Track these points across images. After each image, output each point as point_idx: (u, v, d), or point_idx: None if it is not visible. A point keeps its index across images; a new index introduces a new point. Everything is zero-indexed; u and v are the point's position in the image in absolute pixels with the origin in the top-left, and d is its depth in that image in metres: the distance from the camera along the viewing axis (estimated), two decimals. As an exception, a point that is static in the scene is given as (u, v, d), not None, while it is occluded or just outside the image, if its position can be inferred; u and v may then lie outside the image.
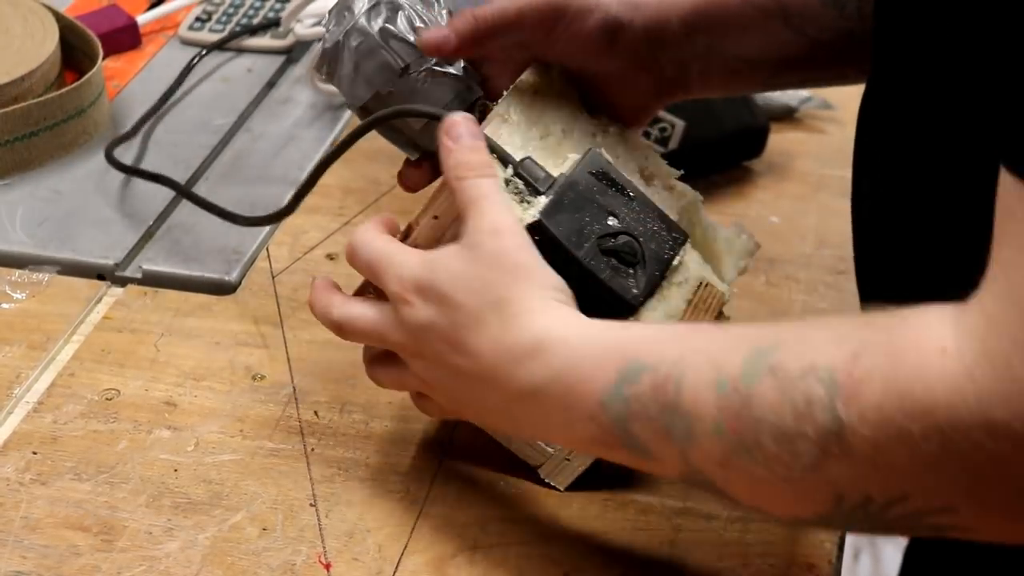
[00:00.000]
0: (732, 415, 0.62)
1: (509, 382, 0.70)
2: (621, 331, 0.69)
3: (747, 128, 1.09)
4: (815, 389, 0.59)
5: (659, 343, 0.67)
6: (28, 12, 1.17)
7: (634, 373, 0.66)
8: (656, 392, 0.65)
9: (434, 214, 0.76)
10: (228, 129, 1.14)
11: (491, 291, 0.71)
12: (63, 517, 0.79)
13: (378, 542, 0.78)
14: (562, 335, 0.69)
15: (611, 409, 0.66)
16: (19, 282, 0.98)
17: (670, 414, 0.64)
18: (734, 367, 0.62)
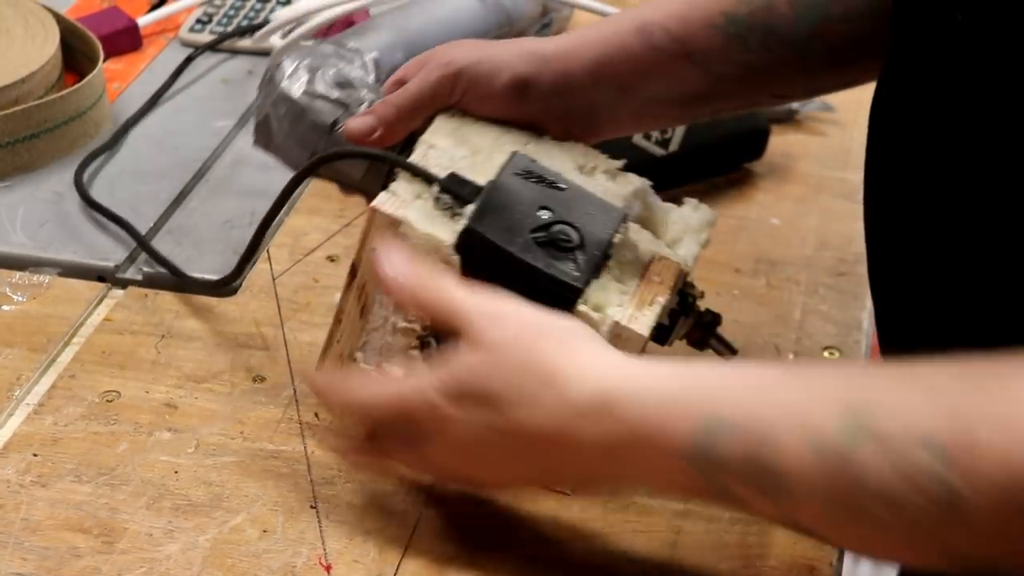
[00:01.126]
0: (834, 480, 0.60)
1: (580, 446, 0.68)
2: (692, 379, 0.67)
3: (748, 130, 1.09)
4: (923, 459, 0.58)
5: (739, 396, 0.65)
6: (29, 14, 1.17)
7: (720, 432, 0.64)
8: (747, 452, 0.63)
9: (372, 246, 0.76)
10: (228, 131, 1.14)
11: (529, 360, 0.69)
12: (63, 519, 0.79)
13: (378, 544, 0.78)
14: (626, 386, 0.67)
15: (696, 465, 0.64)
16: (19, 284, 0.98)
17: (764, 476, 0.63)
18: (831, 431, 0.61)
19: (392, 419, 0.72)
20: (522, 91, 0.82)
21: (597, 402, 0.67)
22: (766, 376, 0.66)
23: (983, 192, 0.69)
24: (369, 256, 0.76)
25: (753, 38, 0.83)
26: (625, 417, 0.66)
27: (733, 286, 0.99)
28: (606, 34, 0.84)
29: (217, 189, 1.08)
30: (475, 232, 0.74)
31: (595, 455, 0.68)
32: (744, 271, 1.00)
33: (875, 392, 0.61)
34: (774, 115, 1.15)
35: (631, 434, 0.66)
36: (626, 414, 0.66)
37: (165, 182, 1.08)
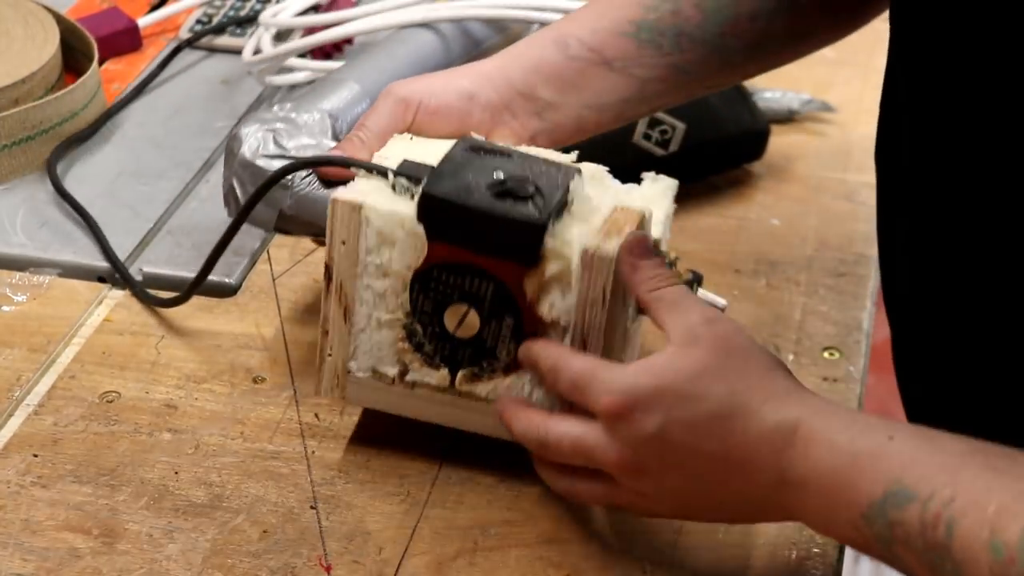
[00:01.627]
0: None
1: (766, 471, 0.69)
2: (885, 440, 0.67)
3: (748, 130, 1.09)
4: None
5: (927, 467, 0.65)
6: (29, 14, 1.17)
7: (901, 498, 0.64)
8: (924, 528, 0.63)
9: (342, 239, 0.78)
10: (228, 132, 1.14)
11: (736, 378, 0.70)
12: (64, 520, 0.79)
13: (379, 544, 0.78)
14: (824, 427, 0.68)
15: (874, 526, 0.65)
16: (20, 284, 0.98)
17: (939, 556, 0.63)
18: (1012, 536, 0.61)
19: (571, 456, 0.74)
20: (469, 102, 0.85)
21: (790, 434, 0.68)
22: (963, 455, 0.65)
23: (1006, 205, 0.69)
24: (343, 251, 0.78)
25: (665, 42, 0.86)
26: (817, 459, 0.67)
27: (733, 287, 0.99)
28: (532, 48, 0.88)
29: (217, 190, 1.07)
30: (432, 195, 0.76)
31: (780, 485, 0.69)
32: (744, 272, 1.00)
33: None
34: (774, 115, 1.15)
35: (817, 477, 0.67)
36: (818, 455, 0.68)
37: (165, 183, 1.08)
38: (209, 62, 1.24)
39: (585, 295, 0.76)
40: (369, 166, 0.79)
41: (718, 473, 0.70)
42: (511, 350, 0.78)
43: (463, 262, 0.77)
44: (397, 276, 0.78)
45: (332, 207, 0.77)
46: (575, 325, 0.76)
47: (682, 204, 1.03)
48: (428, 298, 0.78)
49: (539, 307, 0.77)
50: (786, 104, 1.16)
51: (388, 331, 0.79)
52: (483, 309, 0.77)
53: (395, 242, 0.77)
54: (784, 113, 1.16)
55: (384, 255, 0.77)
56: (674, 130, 1.05)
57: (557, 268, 0.76)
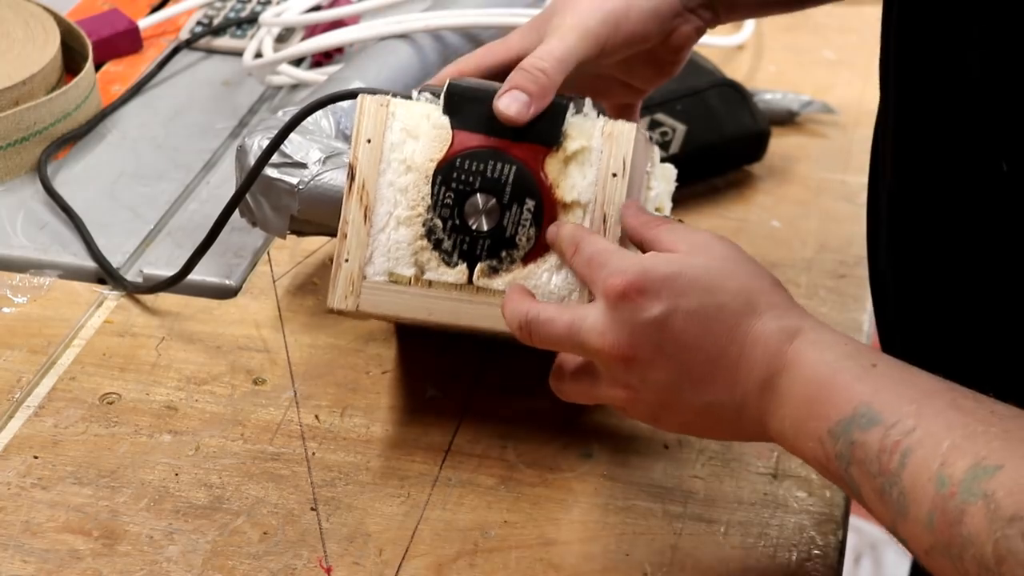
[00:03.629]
0: (943, 518, 0.62)
1: (751, 374, 0.70)
2: (868, 366, 0.68)
3: (748, 132, 1.09)
4: (1017, 542, 0.59)
5: (898, 396, 0.66)
6: (29, 16, 1.17)
7: (867, 421, 0.65)
8: (881, 453, 0.65)
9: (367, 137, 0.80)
10: (229, 133, 1.14)
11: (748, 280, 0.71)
12: (64, 521, 0.79)
13: (379, 546, 0.78)
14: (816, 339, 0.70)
15: (837, 443, 0.66)
16: (20, 286, 0.98)
17: (889, 482, 0.64)
18: (957, 471, 0.62)
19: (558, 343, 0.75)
20: (648, 21, 0.83)
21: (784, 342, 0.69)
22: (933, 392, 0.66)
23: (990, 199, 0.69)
24: (368, 149, 0.80)
25: None
26: (801, 371, 0.69)
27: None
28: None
29: (218, 191, 1.08)
30: (458, 85, 0.80)
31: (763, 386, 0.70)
32: (744, 273, 1.00)
33: (1006, 456, 0.61)
34: (774, 117, 1.15)
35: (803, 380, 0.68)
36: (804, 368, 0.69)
37: (165, 184, 1.08)
38: (210, 63, 1.24)
39: (606, 167, 0.79)
40: (389, 92, 0.81)
41: (708, 369, 0.71)
42: (531, 236, 0.79)
43: (487, 147, 0.79)
44: (420, 170, 0.80)
45: (361, 104, 0.80)
46: (595, 201, 0.79)
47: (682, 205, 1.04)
48: (450, 189, 0.79)
49: (559, 189, 0.79)
50: (786, 106, 1.16)
51: (407, 229, 0.80)
52: (504, 196, 0.79)
53: (419, 136, 0.80)
54: (784, 115, 1.16)
55: (408, 149, 0.80)
56: (674, 132, 1.05)
57: (578, 144, 0.79)
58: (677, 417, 0.73)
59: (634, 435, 0.85)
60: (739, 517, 0.80)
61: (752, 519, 0.80)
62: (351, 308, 0.81)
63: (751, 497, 0.81)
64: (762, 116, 1.10)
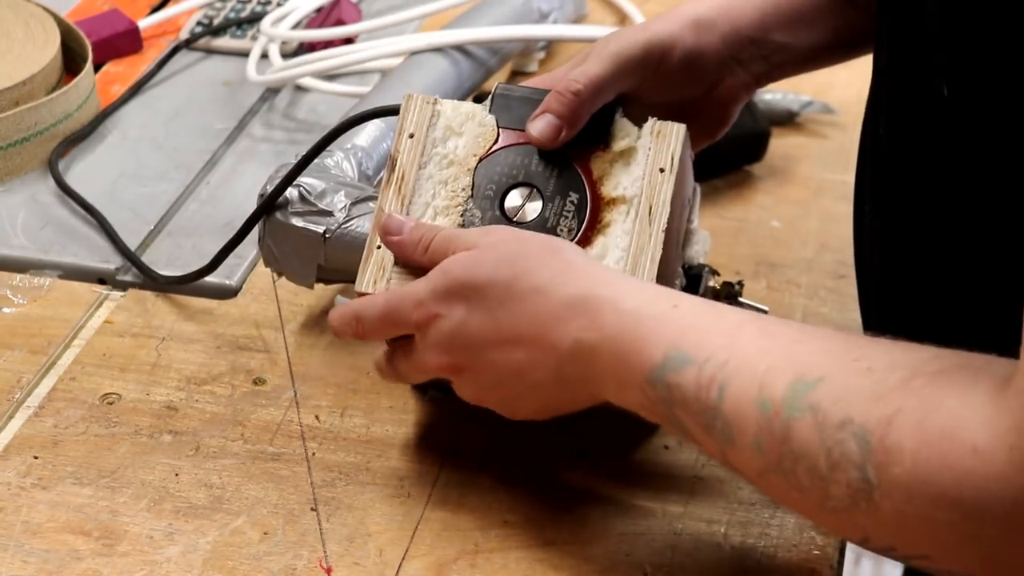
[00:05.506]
0: (772, 438, 0.63)
1: (559, 342, 0.71)
2: (669, 308, 0.70)
3: (748, 132, 1.09)
4: (849, 445, 0.61)
5: (707, 335, 0.67)
6: (30, 17, 1.17)
7: (678, 362, 0.67)
8: (699, 390, 0.66)
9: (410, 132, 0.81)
10: (229, 133, 1.14)
11: (518, 262, 0.73)
12: (64, 522, 0.79)
13: (379, 546, 0.78)
14: (611, 296, 0.70)
15: (656, 389, 0.68)
16: (20, 287, 0.98)
17: (711, 416, 0.66)
18: (777, 391, 0.63)
19: (381, 321, 0.77)
20: (693, 65, 0.83)
21: (578, 304, 0.71)
22: (742, 324, 0.68)
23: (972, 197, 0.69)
24: (410, 144, 0.80)
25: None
26: (604, 325, 0.70)
27: (734, 288, 0.99)
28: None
29: (218, 191, 1.08)
30: (507, 87, 0.82)
31: (572, 355, 0.71)
32: (744, 273, 1.00)
33: (826, 368, 0.63)
34: (775, 117, 1.15)
35: (607, 342, 0.69)
36: (606, 321, 0.70)
37: (165, 184, 1.08)
38: (210, 63, 1.24)
39: (652, 163, 0.79)
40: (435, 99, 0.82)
41: (521, 354, 0.72)
42: (572, 227, 0.79)
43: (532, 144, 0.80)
44: (462, 164, 0.80)
45: (406, 102, 0.81)
46: (641, 196, 0.78)
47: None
48: (492, 181, 0.80)
49: (604, 186, 0.79)
50: (786, 106, 1.16)
51: (444, 219, 0.80)
52: (547, 189, 0.79)
53: (464, 133, 0.80)
54: (784, 115, 1.16)
55: (451, 144, 0.80)
56: (675, 132, 1.05)
57: (626, 144, 0.79)
58: (527, 403, 0.75)
59: (634, 435, 0.85)
60: (739, 517, 0.80)
61: (752, 519, 0.80)
62: (379, 292, 0.80)
63: (751, 497, 0.81)
64: (762, 116, 1.10)
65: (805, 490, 0.63)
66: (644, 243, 0.78)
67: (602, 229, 0.79)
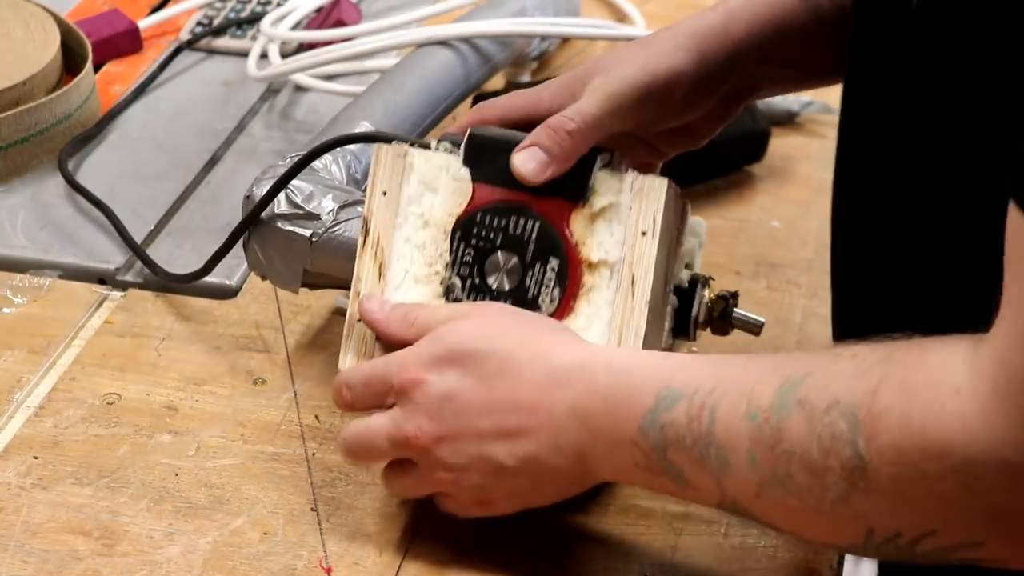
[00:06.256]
0: (764, 447, 0.63)
1: (554, 407, 0.70)
2: (661, 359, 0.71)
3: (748, 132, 1.09)
4: (839, 424, 0.61)
5: (695, 371, 0.68)
6: (30, 17, 1.17)
7: (669, 400, 0.67)
8: (690, 421, 0.66)
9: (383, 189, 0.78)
10: (229, 133, 1.14)
11: (515, 333, 0.73)
12: (64, 522, 0.79)
13: (379, 546, 0.78)
14: (604, 357, 0.71)
15: (650, 435, 0.67)
16: (20, 287, 0.98)
17: (705, 444, 0.65)
18: (766, 399, 0.64)
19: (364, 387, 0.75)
20: (695, 96, 0.81)
21: (575, 368, 0.70)
22: (731, 358, 0.69)
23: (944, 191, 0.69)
24: (384, 202, 0.78)
25: None
26: (596, 385, 0.70)
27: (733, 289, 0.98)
28: (774, 10, 0.82)
29: (218, 191, 1.08)
30: (479, 135, 0.78)
31: (567, 422, 0.70)
32: (744, 274, 1.00)
33: (810, 366, 0.64)
34: (775, 117, 1.15)
35: (601, 400, 0.69)
36: (598, 380, 0.70)
37: (165, 184, 1.08)
38: (210, 63, 1.24)
39: (635, 224, 0.76)
40: (413, 140, 0.80)
41: (514, 421, 0.71)
42: (554, 297, 0.77)
43: (508, 202, 0.77)
44: (438, 226, 0.77)
45: (377, 154, 0.78)
46: (623, 261, 0.75)
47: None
48: (470, 246, 0.77)
49: (585, 248, 0.76)
50: (786, 106, 1.16)
51: (424, 287, 0.78)
52: (526, 254, 0.77)
53: (438, 188, 0.77)
54: (784, 115, 1.16)
55: (426, 203, 0.77)
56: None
57: (606, 201, 0.76)
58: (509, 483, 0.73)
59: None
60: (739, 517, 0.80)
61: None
62: None
63: (751, 497, 0.81)
64: (762, 116, 1.10)
65: (803, 492, 0.63)
66: (628, 315, 0.75)
67: (585, 294, 0.76)
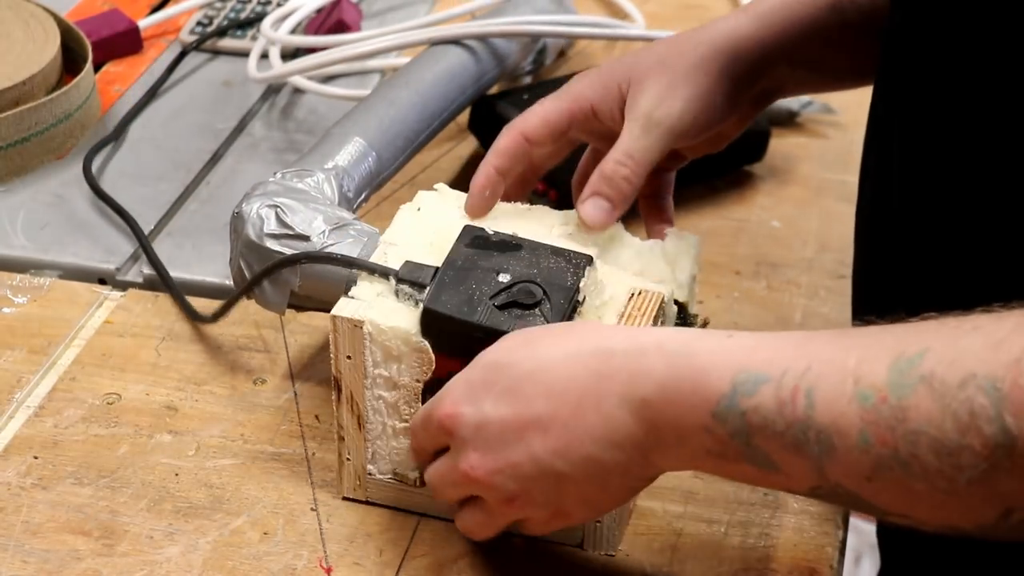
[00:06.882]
0: (882, 428, 0.59)
1: (601, 403, 0.66)
2: (724, 338, 0.65)
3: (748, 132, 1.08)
4: (978, 399, 0.56)
5: (775, 351, 0.63)
6: (30, 16, 1.17)
7: (750, 385, 0.62)
8: (781, 405, 0.61)
9: (347, 355, 0.76)
10: (229, 133, 1.14)
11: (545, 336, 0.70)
12: (64, 522, 0.79)
13: (379, 546, 0.78)
14: (654, 341, 0.66)
15: (727, 423, 0.63)
16: (20, 286, 0.98)
17: (801, 428, 0.61)
18: (878, 377, 0.59)
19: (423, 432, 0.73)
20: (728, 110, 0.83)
21: (618, 356, 0.66)
22: (807, 336, 0.64)
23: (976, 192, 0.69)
24: (350, 365, 0.76)
25: None
26: (650, 370, 0.64)
27: (733, 288, 0.99)
28: (802, 14, 0.83)
29: (217, 191, 1.08)
30: (433, 312, 0.73)
31: (618, 414, 0.65)
32: (744, 274, 1.00)
33: (925, 340, 0.59)
34: (775, 117, 1.15)
35: (660, 389, 0.64)
36: (651, 367, 0.65)
37: (166, 184, 1.08)
38: (211, 64, 1.24)
39: None
40: (371, 267, 0.77)
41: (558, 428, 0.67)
42: None
43: None
44: (408, 388, 0.76)
45: (333, 324, 0.75)
46: None
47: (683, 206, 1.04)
48: None
49: None
50: (787, 106, 1.16)
51: (404, 438, 0.77)
52: None
53: (401, 358, 0.75)
54: (784, 115, 1.16)
55: (391, 368, 0.75)
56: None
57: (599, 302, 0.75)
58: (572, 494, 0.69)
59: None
60: (739, 517, 0.80)
61: (752, 519, 0.80)
62: (362, 499, 0.80)
63: (751, 497, 0.81)
64: (762, 116, 1.10)
65: (930, 474, 0.58)
66: None
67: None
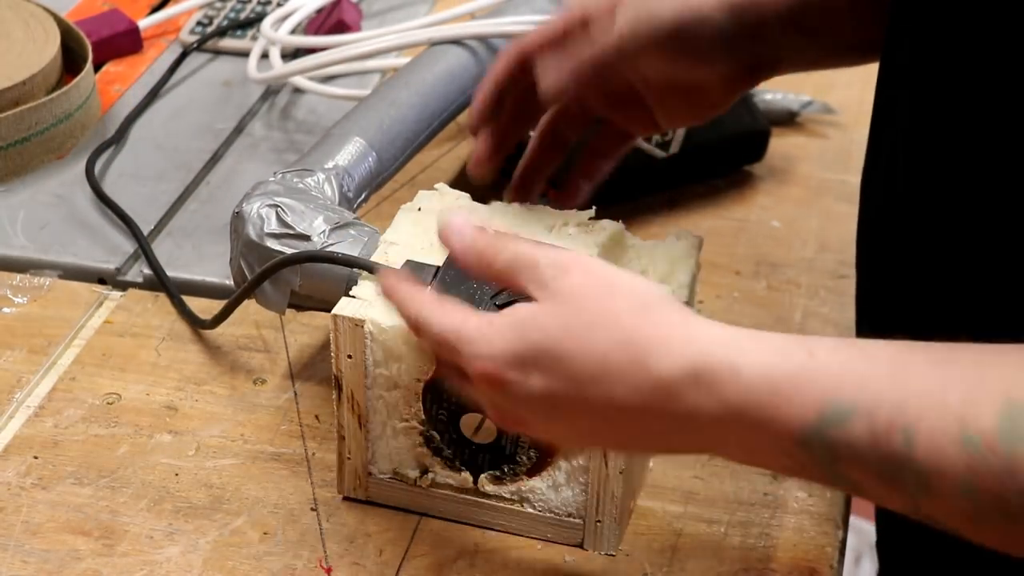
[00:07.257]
0: (989, 477, 0.56)
1: (663, 417, 0.62)
2: (806, 359, 0.61)
3: (748, 132, 1.09)
4: None
5: (867, 379, 0.59)
6: (30, 16, 1.17)
7: (839, 416, 0.59)
8: (876, 440, 0.58)
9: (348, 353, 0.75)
10: (229, 133, 1.14)
11: (609, 326, 0.63)
12: (64, 521, 0.79)
13: (379, 546, 0.78)
14: (727, 361, 0.61)
15: (813, 451, 0.60)
16: (20, 286, 0.98)
17: (897, 466, 0.58)
18: (987, 423, 0.56)
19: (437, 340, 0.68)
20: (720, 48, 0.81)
21: (687, 378, 0.61)
22: (901, 362, 0.60)
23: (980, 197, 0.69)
24: (350, 364, 0.76)
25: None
26: (726, 396, 0.61)
27: (733, 288, 0.99)
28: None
29: (217, 191, 1.08)
30: None
31: (681, 433, 0.63)
32: (744, 273, 1.00)
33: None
34: (775, 117, 1.15)
35: (733, 415, 0.61)
36: (727, 393, 0.61)
37: (165, 184, 1.08)
38: (211, 63, 1.24)
39: None
40: (371, 266, 0.77)
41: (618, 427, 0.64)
42: (532, 456, 0.76)
43: None
44: (408, 388, 0.76)
45: (334, 323, 0.75)
46: None
47: (682, 206, 1.04)
48: (442, 407, 0.76)
49: None
50: (787, 106, 1.16)
51: (405, 437, 0.77)
52: None
53: (402, 357, 0.75)
54: (785, 115, 1.16)
55: (392, 368, 0.75)
56: (674, 132, 1.05)
57: None
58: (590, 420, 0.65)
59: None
60: (739, 517, 0.80)
61: (752, 519, 0.80)
62: (363, 498, 0.80)
63: (751, 497, 0.81)
64: (762, 116, 1.10)
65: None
66: (603, 481, 0.75)
67: (564, 454, 0.75)
